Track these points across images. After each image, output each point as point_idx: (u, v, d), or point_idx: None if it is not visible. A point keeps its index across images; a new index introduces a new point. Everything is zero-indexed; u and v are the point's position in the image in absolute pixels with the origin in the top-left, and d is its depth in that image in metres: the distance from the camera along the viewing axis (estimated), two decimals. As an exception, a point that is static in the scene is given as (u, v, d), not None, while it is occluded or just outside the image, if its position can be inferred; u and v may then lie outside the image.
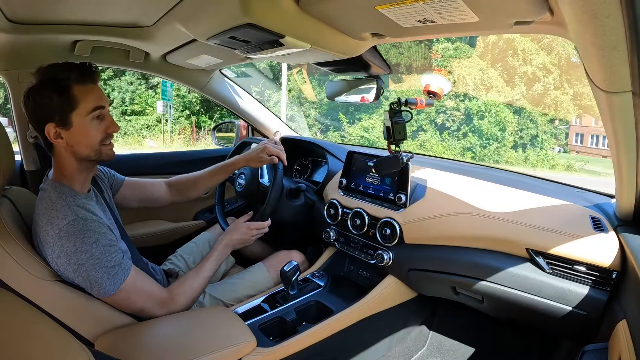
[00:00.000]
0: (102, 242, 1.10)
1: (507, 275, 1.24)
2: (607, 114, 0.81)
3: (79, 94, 1.12)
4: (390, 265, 1.50)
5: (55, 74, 1.12)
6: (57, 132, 1.12)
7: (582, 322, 1.15)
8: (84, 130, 1.14)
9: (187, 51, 1.63)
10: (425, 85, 1.36)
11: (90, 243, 1.07)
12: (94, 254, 1.08)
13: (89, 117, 1.14)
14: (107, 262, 1.10)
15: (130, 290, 1.16)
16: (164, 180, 1.65)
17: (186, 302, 1.29)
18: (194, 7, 1.13)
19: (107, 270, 1.10)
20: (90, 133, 1.16)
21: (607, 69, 0.68)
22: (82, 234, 1.07)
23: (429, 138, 14.03)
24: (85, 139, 1.15)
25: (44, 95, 1.10)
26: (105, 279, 1.09)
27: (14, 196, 1.23)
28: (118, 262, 1.13)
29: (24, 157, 1.74)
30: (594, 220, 1.20)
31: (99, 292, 1.10)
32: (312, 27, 1.09)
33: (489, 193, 1.44)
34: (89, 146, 1.16)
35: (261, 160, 1.61)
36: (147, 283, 1.23)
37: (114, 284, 1.11)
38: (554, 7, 0.78)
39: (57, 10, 1.30)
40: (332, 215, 1.71)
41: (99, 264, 1.08)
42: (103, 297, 1.13)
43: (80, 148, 1.16)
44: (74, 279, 1.08)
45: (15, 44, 1.45)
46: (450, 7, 0.85)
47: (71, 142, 1.14)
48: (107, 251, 1.11)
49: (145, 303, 1.20)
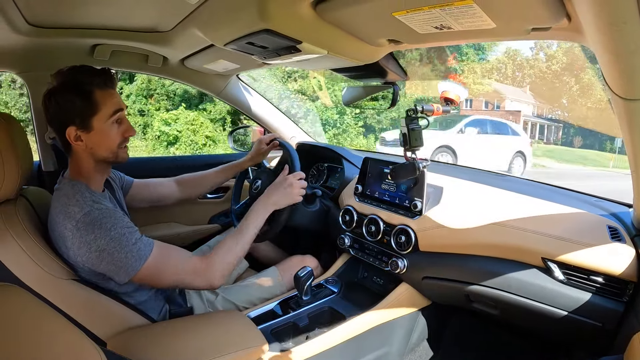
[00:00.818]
0: (119, 225, 1.11)
1: (522, 284, 1.22)
2: (625, 121, 0.79)
3: (100, 98, 1.14)
4: (405, 273, 1.49)
5: (77, 78, 1.14)
6: (77, 135, 1.14)
7: (597, 333, 1.12)
8: (103, 134, 1.17)
9: (204, 56, 1.65)
10: (442, 92, 1.35)
11: (107, 228, 1.08)
12: (113, 236, 1.08)
13: (109, 122, 1.17)
14: (128, 241, 1.10)
15: (159, 261, 1.16)
16: (173, 178, 1.70)
17: (222, 270, 1.26)
18: (211, 13, 1.14)
19: (129, 249, 1.10)
20: (110, 136, 1.18)
21: (625, 75, 0.67)
22: (100, 222, 1.08)
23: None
24: (104, 142, 1.18)
25: (67, 99, 1.12)
26: (129, 257, 1.10)
27: (32, 196, 1.25)
28: (138, 238, 1.13)
29: (42, 157, 1.76)
30: (611, 230, 1.17)
31: (126, 272, 1.10)
32: (329, 33, 1.09)
33: (505, 201, 1.43)
34: (108, 149, 1.19)
35: (262, 152, 1.77)
36: (175, 253, 1.22)
37: (140, 259, 1.11)
38: (572, 14, 0.77)
39: (77, 14, 1.32)
40: (347, 221, 1.70)
41: (120, 244, 1.08)
42: (133, 277, 1.12)
43: (99, 150, 1.18)
44: (99, 267, 1.09)
45: (35, 47, 1.48)
46: (467, 14, 0.84)
47: (90, 144, 1.16)
48: (126, 232, 1.11)
49: (178, 274, 1.19)
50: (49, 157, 1.77)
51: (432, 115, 1.35)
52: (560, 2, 0.74)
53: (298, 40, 1.09)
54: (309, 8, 0.97)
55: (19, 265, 1.05)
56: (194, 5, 1.13)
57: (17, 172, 1.08)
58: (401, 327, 1.58)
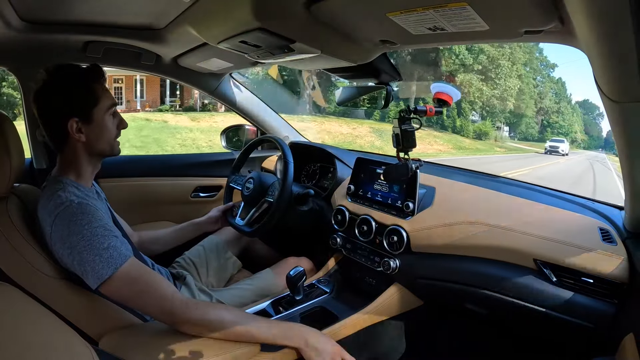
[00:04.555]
0: (95, 224, 1.06)
1: (514, 285, 1.23)
2: (617, 123, 0.80)
3: (99, 91, 1.19)
4: (397, 273, 1.49)
5: (75, 72, 1.18)
6: (79, 127, 1.16)
7: (589, 334, 1.13)
8: (103, 126, 1.21)
9: (198, 54, 1.64)
10: (435, 93, 1.35)
11: (82, 224, 1.04)
12: (85, 234, 1.03)
13: (107, 113, 1.21)
14: (100, 243, 1.04)
15: (129, 279, 1.06)
16: (137, 232, 1.64)
17: (198, 330, 1.11)
18: (205, 11, 1.14)
19: (99, 252, 1.03)
20: (109, 128, 1.23)
21: (617, 79, 0.67)
22: (75, 217, 1.05)
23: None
24: (103, 134, 1.22)
25: (68, 91, 1.15)
26: (97, 262, 1.02)
27: (23, 194, 1.24)
28: (113, 245, 1.06)
29: (34, 155, 1.75)
30: (603, 232, 1.18)
31: (94, 278, 1.02)
32: (323, 33, 1.10)
33: (497, 202, 1.43)
34: (106, 141, 1.23)
35: (218, 220, 1.85)
36: (154, 279, 1.11)
37: (108, 267, 1.03)
38: (565, 17, 0.78)
39: (70, 10, 1.32)
40: (340, 221, 1.70)
41: (90, 244, 1.03)
42: (100, 286, 1.03)
43: (98, 143, 1.21)
44: (72, 265, 1.05)
45: (28, 43, 1.47)
46: (460, 15, 0.84)
47: (90, 136, 1.19)
48: (100, 233, 1.05)
49: (147, 300, 1.09)
50: (40, 154, 1.76)
51: (425, 116, 1.36)
52: (554, 6, 0.74)
53: (291, 40, 1.09)
54: (303, 8, 0.97)
55: (10, 264, 1.05)
56: (188, 3, 1.13)
57: (8, 169, 1.08)
58: (393, 328, 1.58)
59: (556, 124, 40.98)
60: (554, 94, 41.58)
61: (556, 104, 41.38)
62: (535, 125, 39.46)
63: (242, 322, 1.13)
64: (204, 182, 2.29)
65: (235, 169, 1.98)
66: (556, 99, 41.71)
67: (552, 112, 40.73)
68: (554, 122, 40.86)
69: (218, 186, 2.31)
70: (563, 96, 43.32)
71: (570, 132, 42.88)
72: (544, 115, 40.33)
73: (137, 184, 2.07)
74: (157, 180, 2.14)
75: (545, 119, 40.46)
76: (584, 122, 49.82)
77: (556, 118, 41.06)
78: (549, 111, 40.40)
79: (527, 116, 36.29)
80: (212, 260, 1.77)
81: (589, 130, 49.83)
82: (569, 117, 43.19)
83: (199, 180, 2.27)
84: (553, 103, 40.95)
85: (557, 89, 42.28)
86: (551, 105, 40.51)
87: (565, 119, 42.15)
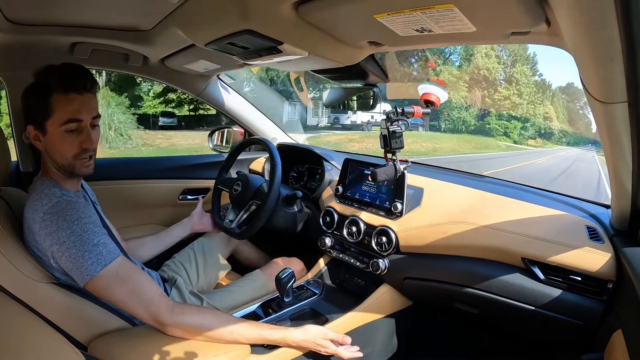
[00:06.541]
0: (85, 221, 1.07)
1: (503, 284, 1.24)
2: (603, 124, 0.81)
3: (56, 103, 1.11)
4: (386, 274, 1.50)
5: (41, 79, 1.13)
6: (36, 134, 1.14)
7: (578, 331, 1.15)
8: (57, 141, 1.14)
9: (185, 56, 1.63)
10: (422, 94, 1.36)
11: (72, 220, 1.05)
12: (75, 230, 1.04)
13: (62, 129, 1.13)
14: (89, 239, 1.05)
15: (117, 278, 1.07)
16: (125, 241, 1.62)
17: (184, 332, 1.13)
18: (193, 13, 1.14)
19: (88, 249, 1.04)
20: (64, 145, 1.15)
21: (603, 80, 0.68)
22: (64, 212, 1.05)
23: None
24: (57, 149, 1.15)
25: (27, 98, 1.13)
26: (86, 258, 1.03)
27: (9, 197, 1.23)
28: (102, 242, 1.07)
29: (20, 158, 1.73)
30: (590, 230, 1.20)
31: (82, 275, 1.03)
32: (311, 35, 1.09)
33: (485, 202, 1.44)
34: (62, 157, 1.16)
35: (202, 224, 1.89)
36: (142, 280, 1.13)
37: (97, 263, 1.04)
38: (551, 19, 0.79)
39: (57, 11, 1.30)
40: (328, 222, 1.70)
41: (80, 240, 1.03)
42: (88, 283, 1.04)
43: (55, 156, 1.16)
44: (61, 262, 1.05)
45: (14, 44, 1.44)
46: (447, 17, 0.85)
47: (47, 148, 1.15)
48: (90, 229, 1.06)
49: (135, 301, 1.09)
50: (27, 157, 1.73)
51: (412, 117, 1.37)
52: (540, 7, 0.75)
53: (279, 41, 1.09)
54: (291, 9, 0.97)
55: None
56: (175, 4, 1.12)
57: None
58: (383, 328, 1.58)
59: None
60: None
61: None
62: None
63: (227, 326, 1.15)
64: (192, 184, 2.27)
65: (223, 170, 1.98)
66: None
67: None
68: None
69: (206, 188, 2.29)
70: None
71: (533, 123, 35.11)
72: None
73: (123, 187, 2.04)
74: (143, 183, 2.12)
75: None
76: (568, 110, 41.79)
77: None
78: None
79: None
80: (201, 262, 1.76)
81: (573, 122, 41.92)
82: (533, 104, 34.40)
83: (187, 183, 2.25)
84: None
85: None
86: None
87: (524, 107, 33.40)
